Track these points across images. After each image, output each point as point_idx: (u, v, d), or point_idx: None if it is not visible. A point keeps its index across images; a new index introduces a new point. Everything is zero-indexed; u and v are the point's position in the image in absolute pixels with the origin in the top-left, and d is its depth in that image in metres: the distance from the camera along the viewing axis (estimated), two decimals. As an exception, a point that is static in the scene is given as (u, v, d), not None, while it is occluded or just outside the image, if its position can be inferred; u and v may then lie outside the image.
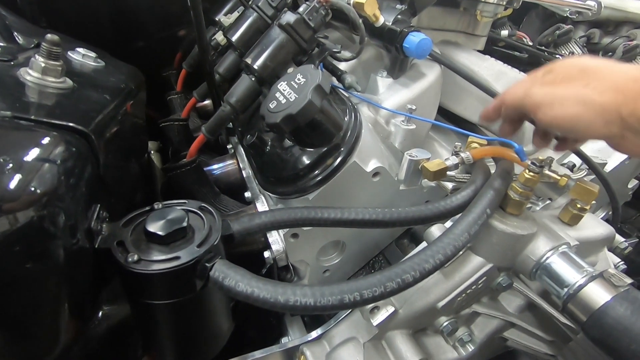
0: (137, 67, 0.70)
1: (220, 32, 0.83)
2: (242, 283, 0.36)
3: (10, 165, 0.29)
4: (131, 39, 1.00)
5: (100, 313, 0.51)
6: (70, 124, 0.36)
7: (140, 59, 0.77)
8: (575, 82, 0.42)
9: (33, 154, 0.32)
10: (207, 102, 0.96)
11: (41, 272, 0.31)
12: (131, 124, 0.53)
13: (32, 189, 0.30)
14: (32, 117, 0.34)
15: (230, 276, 0.37)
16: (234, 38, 0.70)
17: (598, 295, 0.41)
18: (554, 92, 0.43)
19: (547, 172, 0.50)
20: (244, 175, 0.74)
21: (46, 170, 0.32)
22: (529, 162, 0.47)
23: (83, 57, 0.53)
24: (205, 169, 0.74)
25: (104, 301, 0.51)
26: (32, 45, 0.48)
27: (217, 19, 0.84)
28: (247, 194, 0.69)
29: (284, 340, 0.63)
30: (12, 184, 0.29)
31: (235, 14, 0.80)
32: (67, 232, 0.33)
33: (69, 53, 0.53)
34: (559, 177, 0.50)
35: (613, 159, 0.73)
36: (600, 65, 0.43)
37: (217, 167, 0.78)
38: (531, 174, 0.46)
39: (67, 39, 0.59)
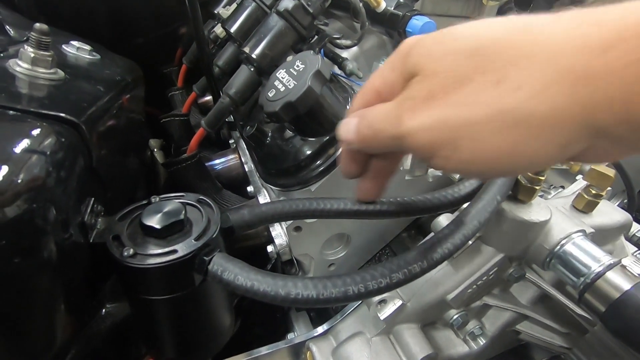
0: (137, 64, 0.69)
1: (219, 25, 0.82)
2: (241, 276, 0.34)
3: (-4, 156, 0.28)
4: (130, 36, 0.99)
5: (104, 311, 0.51)
6: (61, 115, 0.35)
7: (140, 56, 0.76)
8: (474, 85, 0.22)
9: (20, 144, 0.30)
10: (209, 97, 0.95)
11: (32, 267, 0.30)
12: (128, 118, 0.52)
13: (20, 181, 0.29)
14: (19, 107, 0.33)
15: (229, 269, 0.35)
16: (233, 29, 0.69)
17: (617, 283, 0.39)
18: (444, 119, 0.23)
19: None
20: (246, 170, 0.73)
21: (34, 162, 0.30)
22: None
23: (77, 50, 0.52)
24: (207, 164, 0.73)
25: (107, 299, 0.51)
26: (25, 38, 0.47)
27: (216, 12, 0.83)
28: (250, 189, 0.68)
29: (290, 336, 0.61)
30: (-2, 176, 0.28)
31: (234, 5, 0.79)
32: (57, 226, 0.32)
33: (63, 46, 0.52)
34: (571, 163, 0.48)
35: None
36: (511, 30, 0.22)
37: (219, 162, 0.77)
38: (543, 158, 0.44)
39: (62, 33, 0.58)
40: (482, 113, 0.22)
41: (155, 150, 0.81)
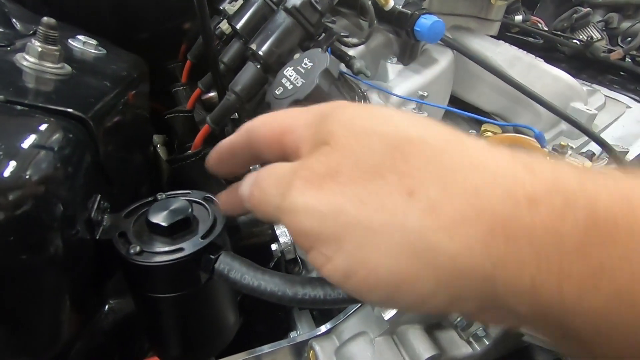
0: (141, 59, 0.69)
1: (225, 21, 0.81)
2: (248, 276, 0.34)
3: (3, 151, 0.28)
4: (135, 31, 0.99)
5: (107, 307, 0.51)
6: (68, 110, 0.35)
7: (144, 51, 0.76)
8: (383, 184, 0.18)
9: (28, 140, 0.30)
10: (213, 94, 0.95)
11: (38, 263, 0.30)
12: (133, 113, 0.51)
13: (27, 176, 0.29)
14: (27, 102, 0.33)
15: (236, 268, 0.35)
16: (239, 25, 0.69)
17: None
18: (335, 209, 0.19)
19: (567, 160, 0.47)
20: (251, 168, 0.73)
21: (42, 158, 0.30)
22: (550, 149, 0.44)
23: (84, 44, 0.52)
24: (211, 161, 0.73)
25: (110, 295, 0.51)
26: (31, 32, 0.47)
27: (221, 7, 0.82)
28: (254, 186, 0.68)
29: (292, 334, 0.61)
30: (6, 172, 0.27)
31: (241, 1, 0.78)
32: (65, 223, 0.31)
33: (69, 41, 0.52)
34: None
35: (635, 147, 0.70)
36: (445, 138, 0.19)
37: (223, 159, 0.77)
38: (552, 160, 0.44)
39: (68, 27, 0.57)
40: (380, 220, 0.18)
41: (158, 145, 0.80)
